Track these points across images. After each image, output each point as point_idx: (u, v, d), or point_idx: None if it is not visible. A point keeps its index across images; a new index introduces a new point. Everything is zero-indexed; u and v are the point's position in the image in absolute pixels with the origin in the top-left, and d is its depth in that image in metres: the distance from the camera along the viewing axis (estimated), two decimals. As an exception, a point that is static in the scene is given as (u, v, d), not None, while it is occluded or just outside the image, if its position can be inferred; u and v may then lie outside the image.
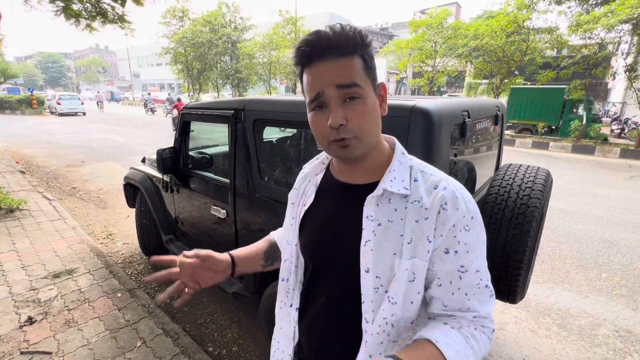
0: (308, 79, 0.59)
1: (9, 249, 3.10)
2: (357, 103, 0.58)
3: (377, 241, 0.61)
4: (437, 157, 1.15)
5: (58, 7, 5.23)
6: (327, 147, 0.62)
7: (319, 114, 0.60)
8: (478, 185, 1.86)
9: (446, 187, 0.60)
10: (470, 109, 1.38)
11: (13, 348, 1.92)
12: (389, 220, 0.61)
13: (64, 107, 20.14)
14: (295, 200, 0.77)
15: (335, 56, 0.57)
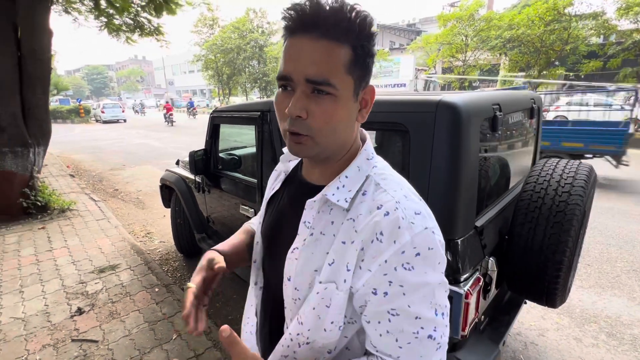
0: (284, 51, 0.51)
1: (62, 246, 3.40)
2: (326, 99, 0.49)
3: (304, 251, 0.55)
4: (465, 154, 1.11)
5: (102, 23, 5.65)
6: (284, 135, 0.54)
7: (284, 95, 0.52)
8: (512, 183, 1.76)
9: (389, 211, 0.49)
10: (501, 102, 1.32)
11: (65, 335, 2.10)
12: (321, 233, 0.54)
13: (107, 115, 21.68)
14: (271, 182, 0.75)
15: (319, 35, 0.47)
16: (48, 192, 4.47)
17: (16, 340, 2.07)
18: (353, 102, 0.53)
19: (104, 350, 1.97)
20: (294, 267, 0.56)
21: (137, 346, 2.00)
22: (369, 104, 0.56)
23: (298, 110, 0.49)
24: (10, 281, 2.74)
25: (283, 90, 0.52)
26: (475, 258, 1.21)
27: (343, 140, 0.55)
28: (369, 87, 0.55)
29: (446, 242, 1.14)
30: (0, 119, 3.78)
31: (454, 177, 1.11)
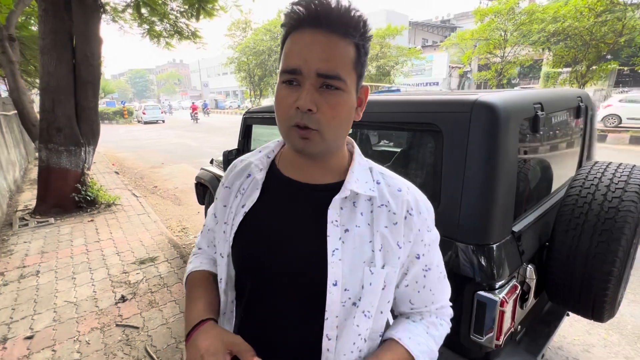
0: (291, 45, 0.50)
1: (107, 237, 3.67)
2: (334, 94, 0.50)
3: (346, 250, 0.54)
4: (502, 156, 1.06)
5: (144, 30, 6.04)
6: (287, 131, 0.52)
7: (289, 90, 0.51)
8: (555, 186, 1.66)
9: (408, 191, 0.59)
10: (543, 101, 1.25)
11: (110, 320, 2.28)
12: (356, 226, 0.55)
13: (148, 116, 23.08)
14: (227, 201, 0.65)
15: (330, 30, 0.48)
16: (96, 188, 4.85)
17: (69, 321, 2.27)
18: (354, 98, 0.54)
19: (144, 337, 2.11)
20: (340, 268, 0.54)
21: (174, 334, 2.12)
22: (364, 103, 0.58)
23: (309, 103, 0.48)
24: (65, 268, 3.01)
25: (288, 85, 0.51)
26: (512, 265, 1.15)
27: (344, 137, 0.58)
28: (364, 86, 0.57)
29: (480, 248, 1.11)
30: (58, 120, 4.16)
31: (490, 181, 1.07)
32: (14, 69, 5.84)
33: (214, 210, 0.71)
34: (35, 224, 4.07)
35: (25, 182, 6.36)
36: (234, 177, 0.67)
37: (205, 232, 0.76)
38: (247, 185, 0.64)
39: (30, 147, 8.74)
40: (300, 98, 0.49)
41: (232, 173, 0.68)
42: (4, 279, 2.84)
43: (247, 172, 0.65)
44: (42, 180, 4.36)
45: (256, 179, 0.62)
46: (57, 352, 1.99)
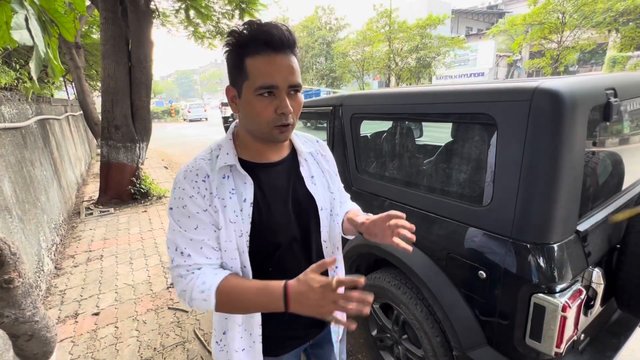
0: (263, 66, 0.65)
1: (159, 227, 3.97)
2: (297, 96, 0.70)
3: (318, 189, 0.84)
4: (567, 149, 0.96)
5: (189, 32, 6.38)
6: (269, 130, 0.69)
7: (268, 100, 0.66)
8: (628, 182, 1.48)
9: (318, 140, 0.94)
10: (618, 86, 1.11)
11: (163, 303, 2.47)
12: (316, 172, 0.86)
13: (193, 114, 24.46)
14: (204, 206, 0.70)
15: (288, 52, 0.66)
16: (149, 181, 5.25)
17: (128, 302, 2.50)
18: None
19: (193, 320, 2.26)
20: (321, 199, 0.84)
21: (219, 320, 2.24)
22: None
23: (290, 107, 0.67)
24: (123, 254, 3.30)
25: (264, 97, 0.66)
26: (575, 267, 1.05)
27: None
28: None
29: (539, 247, 1.02)
30: (116, 119, 4.56)
31: (552, 176, 0.98)
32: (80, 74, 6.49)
33: (194, 225, 0.70)
34: (98, 213, 4.51)
35: (89, 176, 7.07)
36: (202, 185, 0.71)
37: (198, 248, 0.71)
38: (230, 186, 0.73)
39: (92, 143, 9.69)
40: (283, 106, 0.67)
41: (194, 183, 0.71)
42: (75, 261, 3.19)
43: (219, 175, 0.72)
44: (103, 174, 4.82)
45: (241, 174, 0.74)
46: (119, 329, 2.20)
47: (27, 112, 3.40)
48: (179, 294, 0.73)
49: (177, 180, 0.73)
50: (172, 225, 0.72)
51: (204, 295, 0.68)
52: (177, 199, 0.71)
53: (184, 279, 0.71)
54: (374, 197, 1.64)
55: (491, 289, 1.13)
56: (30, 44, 0.72)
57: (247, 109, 0.68)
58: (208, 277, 0.70)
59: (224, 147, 0.76)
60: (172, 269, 0.73)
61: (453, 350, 1.30)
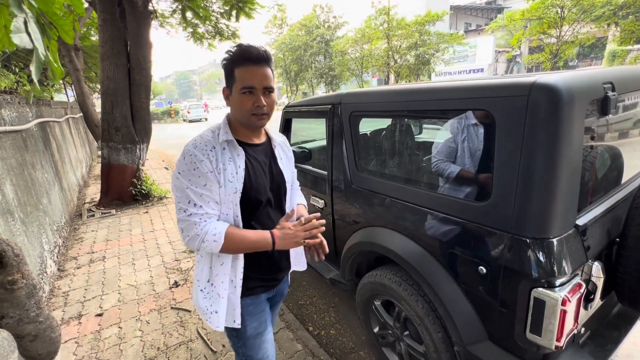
0: (245, 74, 0.94)
1: (161, 228, 3.98)
2: (271, 95, 0.99)
3: (285, 168, 1.14)
4: (565, 144, 0.97)
5: (188, 33, 6.37)
6: (249, 117, 0.98)
7: (249, 96, 0.95)
8: (627, 176, 1.48)
9: (283, 136, 1.24)
10: (615, 80, 1.11)
11: (166, 303, 2.48)
12: (283, 156, 1.16)
13: (192, 114, 24.45)
14: (212, 168, 0.95)
15: (264, 65, 0.96)
16: (150, 182, 5.26)
17: (131, 302, 2.51)
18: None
19: (195, 319, 2.27)
20: (288, 175, 1.15)
21: (221, 319, 2.25)
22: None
23: (264, 102, 0.97)
24: (126, 255, 3.32)
25: (246, 95, 0.95)
26: (575, 261, 1.06)
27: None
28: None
29: (538, 241, 1.03)
30: (116, 120, 4.56)
31: (550, 170, 0.98)
32: (79, 76, 6.49)
33: (204, 182, 0.94)
34: (100, 215, 4.52)
35: (90, 178, 7.09)
36: (207, 152, 0.95)
37: (207, 201, 0.95)
38: (228, 155, 0.99)
39: (93, 145, 9.70)
40: (258, 101, 0.96)
41: (203, 150, 0.95)
42: (77, 262, 3.21)
43: (220, 147, 0.98)
44: (104, 176, 4.83)
45: (236, 148, 1.00)
46: (122, 329, 2.22)
47: (28, 115, 3.41)
48: (191, 237, 0.93)
49: (186, 150, 0.95)
50: (182, 184, 0.93)
51: (215, 237, 0.93)
52: (188, 164, 0.93)
53: (197, 226, 0.93)
54: (373, 195, 1.65)
55: (491, 284, 1.14)
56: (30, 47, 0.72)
57: (235, 103, 0.98)
58: (218, 225, 0.96)
59: (222, 128, 1.01)
60: (185, 218, 0.94)
61: (454, 345, 1.31)
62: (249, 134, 1.06)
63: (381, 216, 1.61)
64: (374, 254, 1.74)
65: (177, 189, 0.95)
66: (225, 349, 1.99)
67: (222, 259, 1.03)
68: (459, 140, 1.39)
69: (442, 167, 1.44)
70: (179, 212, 0.95)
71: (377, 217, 1.64)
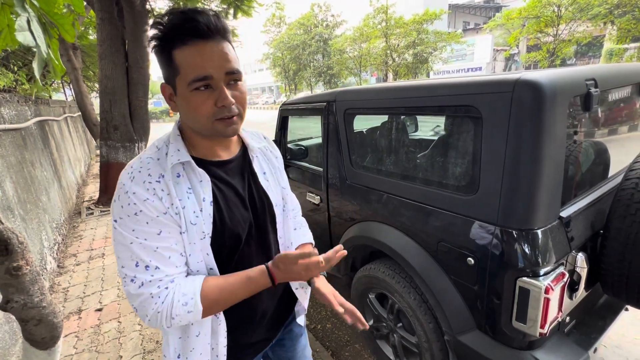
0: (192, 58, 0.59)
1: (159, 226, 4.02)
2: (239, 85, 0.65)
3: (270, 185, 0.81)
4: (548, 138, 1.01)
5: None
6: (212, 125, 0.64)
7: (205, 94, 0.61)
8: (613, 171, 1.53)
9: (265, 137, 0.91)
10: (598, 77, 1.15)
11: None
12: (267, 169, 0.83)
13: (191, 114, 24.47)
14: (164, 208, 0.63)
15: (219, 39, 0.61)
16: (148, 181, 5.29)
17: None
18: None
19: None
20: (275, 196, 0.82)
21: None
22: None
23: (230, 98, 0.62)
24: (124, 252, 3.35)
25: (203, 90, 0.62)
26: (559, 251, 1.10)
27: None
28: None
29: (523, 233, 1.07)
30: (115, 119, 4.59)
31: (534, 164, 1.02)
32: (78, 75, 6.50)
33: (157, 230, 0.62)
34: (99, 213, 4.55)
35: (89, 176, 7.11)
36: (157, 186, 0.63)
37: (165, 256, 0.63)
38: (186, 185, 0.66)
39: (92, 144, 9.72)
40: (223, 98, 0.62)
41: (147, 185, 0.62)
42: (77, 259, 3.24)
43: (172, 174, 0.65)
44: (103, 174, 4.85)
45: (197, 171, 0.67)
46: (122, 324, 2.25)
47: (26, 114, 3.43)
48: (151, 317, 0.62)
49: (122, 184, 0.62)
50: (124, 238, 0.61)
51: (188, 307, 0.63)
52: (126, 207, 0.61)
53: (156, 299, 0.61)
54: (368, 190, 1.69)
55: (479, 274, 1.18)
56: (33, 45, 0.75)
57: (185, 106, 0.63)
58: (186, 287, 0.64)
59: (172, 144, 0.68)
60: (136, 291, 0.61)
61: (444, 335, 1.35)
62: (212, 148, 0.72)
63: (375, 211, 1.65)
64: (369, 248, 1.78)
65: (117, 245, 0.63)
66: (223, 342, 2.03)
67: (198, 327, 0.70)
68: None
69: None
70: (126, 283, 0.62)
71: (371, 212, 1.68)
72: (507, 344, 1.17)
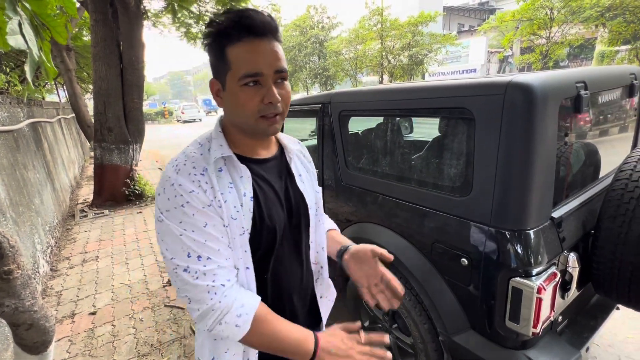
0: (245, 54, 0.61)
1: (154, 228, 3.98)
2: (285, 84, 0.67)
3: (306, 187, 0.81)
4: (539, 140, 1.02)
5: (181, 33, 6.38)
6: (254, 121, 0.65)
7: (253, 90, 0.63)
8: (604, 172, 1.55)
9: (298, 141, 0.91)
10: (588, 79, 1.17)
11: (160, 301, 2.50)
12: (303, 171, 0.83)
13: (187, 115, 24.36)
14: (208, 201, 0.63)
15: (271, 38, 0.64)
16: (143, 183, 5.25)
17: (125, 301, 2.52)
18: None
19: (189, 316, 2.29)
20: (310, 198, 0.81)
21: (215, 316, 2.28)
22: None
23: (277, 96, 0.64)
24: (119, 254, 3.32)
25: (249, 86, 0.63)
26: (550, 252, 1.11)
27: None
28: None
29: (516, 233, 1.08)
30: (109, 121, 4.55)
31: (526, 165, 1.03)
32: (72, 76, 6.45)
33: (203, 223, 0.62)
34: (93, 215, 4.51)
35: (83, 179, 7.04)
36: (202, 178, 0.64)
37: (215, 249, 0.63)
38: (227, 180, 0.66)
39: (86, 146, 9.63)
40: (270, 95, 0.63)
41: (192, 177, 0.63)
42: (70, 262, 3.21)
43: (214, 168, 0.66)
44: (97, 176, 4.81)
45: (238, 167, 0.68)
46: (116, 327, 2.23)
47: (19, 115, 3.40)
48: (203, 312, 0.61)
49: (167, 177, 0.62)
50: (172, 231, 0.61)
51: (240, 319, 0.61)
52: (172, 199, 0.61)
53: (212, 294, 0.61)
54: (362, 192, 1.69)
55: (473, 275, 1.19)
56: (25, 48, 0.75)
57: (232, 101, 0.65)
58: (246, 299, 0.63)
59: (215, 139, 0.69)
60: (192, 281, 0.60)
61: (439, 335, 1.36)
62: (253, 146, 0.73)
63: (370, 212, 1.66)
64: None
65: (165, 238, 0.62)
66: (219, 345, 2.02)
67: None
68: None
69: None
70: (176, 273, 0.61)
71: (366, 214, 1.69)
72: (501, 344, 1.18)
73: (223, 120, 0.73)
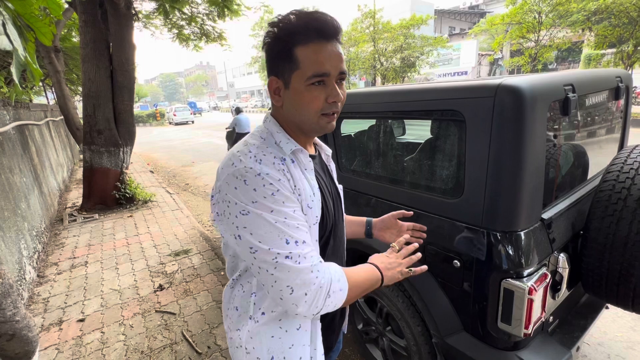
0: (316, 55, 0.64)
1: (145, 232, 3.93)
2: (343, 85, 0.71)
3: (339, 185, 0.90)
4: (529, 142, 1.03)
5: (173, 34, 6.32)
6: (317, 119, 0.69)
7: (319, 89, 0.66)
8: (592, 173, 1.57)
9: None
10: (576, 82, 1.19)
11: (150, 307, 2.45)
12: (334, 168, 0.91)
13: (179, 117, 24.10)
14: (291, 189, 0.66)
15: (337, 42, 0.68)
16: (134, 186, 5.18)
17: (114, 307, 2.47)
18: None
19: (180, 322, 2.26)
20: (342, 192, 0.91)
21: (207, 321, 2.25)
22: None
23: (341, 95, 0.68)
24: (109, 259, 3.26)
25: (316, 86, 0.66)
26: (541, 253, 1.12)
27: None
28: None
29: (507, 235, 1.09)
30: (98, 123, 4.48)
31: (516, 167, 1.04)
32: (60, 78, 6.33)
33: (292, 209, 0.64)
34: (82, 220, 4.42)
35: (72, 182, 6.91)
36: (283, 168, 0.67)
37: (305, 233, 0.66)
38: (299, 171, 0.71)
39: (75, 149, 9.45)
40: (335, 94, 0.67)
41: (277, 166, 0.66)
42: (58, 268, 3.13)
43: (290, 159, 0.70)
44: (86, 179, 4.72)
45: (305, 160, 0.73)
46: (105, 334, 2.18)
47: (5, 118, 3.32)
48: (313, 294, 0.62)
49: (248, 169, 0.62)
50: (264, 221, 0.61)
51: (340, 284, 0.67)
52: (260, 189, 0.61)
53: (315, 272, 0.63)
54: (355, 194, 1.69)
55: (465, 277, 1.19)
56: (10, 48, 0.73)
57: (297, 99, 0.67)
58: (329, 265, 0.69)
59: (278, 133, 0.71)
60: (297, 266, 0.61)
61: (432, 337, 1.36)
62: (305, 142, 0.77)
63: (363, 215, 1.65)
64: (357, 252, 1.78)
65: (256, 230, 0.61)
66: (210, 350, 1.99)
67: (299, 320, 0.73)
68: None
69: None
70: (277, 262, 0.61)
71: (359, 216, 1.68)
72: (493, 345, 1.19)
73: (276, 117, 0.74)
